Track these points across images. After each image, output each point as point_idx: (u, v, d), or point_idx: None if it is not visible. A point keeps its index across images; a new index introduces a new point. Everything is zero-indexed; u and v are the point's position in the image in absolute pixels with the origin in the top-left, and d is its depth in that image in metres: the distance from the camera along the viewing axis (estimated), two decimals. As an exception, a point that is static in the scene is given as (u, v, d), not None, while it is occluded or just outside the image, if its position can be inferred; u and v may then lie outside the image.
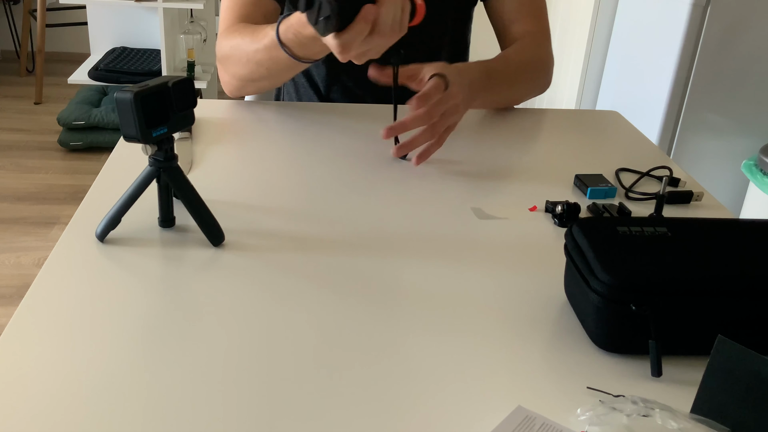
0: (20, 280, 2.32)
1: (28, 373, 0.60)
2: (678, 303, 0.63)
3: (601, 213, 0.89)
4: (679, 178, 0.98)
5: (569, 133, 1.16)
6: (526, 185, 0.97)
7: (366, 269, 0.76)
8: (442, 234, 0.84)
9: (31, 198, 2.80)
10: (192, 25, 3.16)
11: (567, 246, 0.71)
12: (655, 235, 0.68)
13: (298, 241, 0.81)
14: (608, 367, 0.64)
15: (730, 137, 2.13)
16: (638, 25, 2.33)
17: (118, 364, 0.61)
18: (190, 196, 0.78)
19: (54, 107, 3.58)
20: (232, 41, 1.06)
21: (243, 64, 1.05)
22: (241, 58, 1.05)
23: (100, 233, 0.78)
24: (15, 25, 4.14)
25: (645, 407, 0.55)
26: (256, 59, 1.02)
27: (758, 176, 1.95)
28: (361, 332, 0.67)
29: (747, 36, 2.00)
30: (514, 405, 0.58)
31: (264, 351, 0.64)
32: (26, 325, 0.65)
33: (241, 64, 1.05)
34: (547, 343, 0.67)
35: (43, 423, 0.55)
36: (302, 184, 0.94)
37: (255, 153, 1.01)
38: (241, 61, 1.05)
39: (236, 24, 1.09)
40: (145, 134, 0.72)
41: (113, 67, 3.12)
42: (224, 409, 0.57)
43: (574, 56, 2.68)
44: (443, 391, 0.60)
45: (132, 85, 0.72)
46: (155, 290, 0.71)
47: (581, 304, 0.68)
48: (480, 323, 0.69)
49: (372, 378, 0.61)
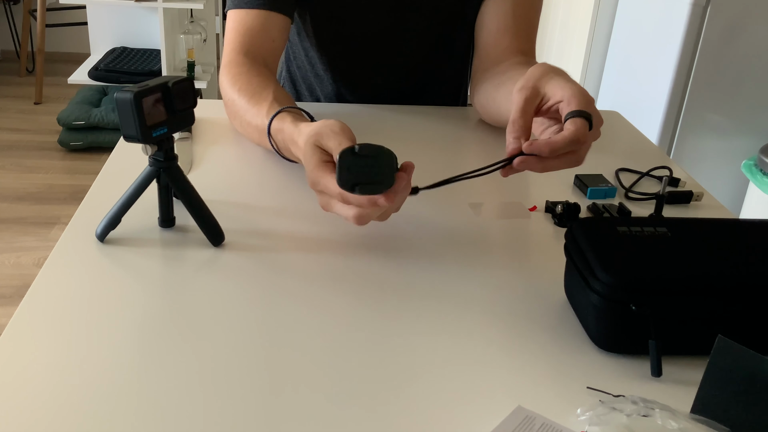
0: (20, 280, 2.32)
1: (28, 372, 0.60)
2: (678, 303, 0.63)
3: (601, 213, 0.89)
4: (679, 178, 0.98)
5: (569, 133, 1.16)
6: (526, 185, 0.97)
7: (366, 269, 0.76)
8: (442, 234, 0.84)
9: (31, 198, 2.80)
10: (192, 25, 3.16)
11: (567, 246, 0.71)
12: (655, 235, 0.68)
13: (298, 241, 0.81)
14: (608, 367, 0.64)
15: (730, 137, 2.13)
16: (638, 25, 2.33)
17: (117, 363, 0.61)
18: (190, 196, 0.78)
19: (54, 107, 3.59)
20: (232, 94, 1.01)
21: (238, 124, 1.02)
22: (235, 118, 1.02)
23: (100, 233, 0.78)
24: (15, 25, 4.14)
25: (645, 407, 0.55)
26: (247, 130, 0.99)
27: (758, 176, 1.95)
28: (360, 332, 0.67)
29: (747, 36, 2.00)
30: (514, 405, 0.58)
31: (264, 351, 0.64)
32: (26, 325, 0.65)
33: (237, 122, 1.02)
34: (547, 343, 0.67)
35: (43, 423, 0.55)
36: (302, 184, 0.94)
37: (255, 153, 1.01)
38: (235, 120, 1.02)
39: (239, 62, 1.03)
40: (145, 134, 0.72)
41: (113, 67, 3.12)
42: (224, 408, 0.57)
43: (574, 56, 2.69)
44: (443, 391, 0.60)
45: (132, 85, 0.72)
46: (155, 290, 0.71)
47: (581, 304, 0.68)
48: (480, 323, 0.69)
49: (371, 377, 0.61)
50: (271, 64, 1.07)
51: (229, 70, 1.03)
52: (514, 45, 1.10)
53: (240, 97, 0.99)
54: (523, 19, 1.12)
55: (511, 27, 1.11)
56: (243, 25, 1.06)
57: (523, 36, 1.12)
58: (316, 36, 1.18)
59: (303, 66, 1.25)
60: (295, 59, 1.27)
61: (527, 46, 1.12)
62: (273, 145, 0.93)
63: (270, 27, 1.07)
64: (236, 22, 1.06)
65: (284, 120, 0.90)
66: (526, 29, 1.13)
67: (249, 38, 1.05)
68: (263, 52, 1.06)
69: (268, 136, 0.93)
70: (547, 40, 2.99)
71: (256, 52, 1.05)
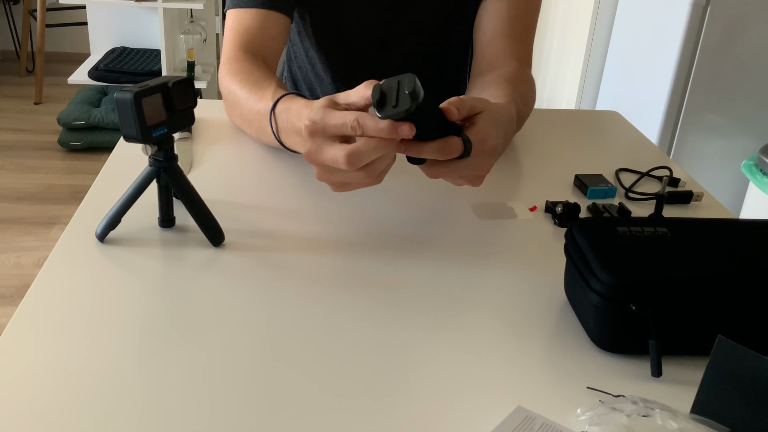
0: (20, 280, 2.32)
1: (28, 372, 0.60)
2: (678, 303, 0.63)
3: (601, 213, 0.89)
4: (679, 178, 0.98)
5: (569, 133, 1.16)
6: (526, 185, 0.97)
7: (366, 269, 0.76)
8: (442, 234, 0.84)
9: (31, 198, 2.80)
10: (192, 25, 3.16)
11: (567, 246, 0.71)
12: (655, 235, 0.68)
13: (298, 241, 0.81)
14: (608, 367, 0.64)
15: (730, 137, 2.13)
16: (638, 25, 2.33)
17: (117, 363, 0.61)
18: (190, 196, 0.78)
19: (54, 107, 3.59)
20: (233, 85, 1.01)
21: (238, 115, 1.02)
22: (236, 108, 1.01)
23: (100, 233, 0.78)
24: (15, 25, 4.14)
25: (645, 407, 0.55)
26: (248, 118, 0.99)
27: (758, 176, 1.95)
28: (360, 332, 0.67)
29: (747, 36, 2.00)
30: (514, 405, 0.58)
31: (264, 351, 0.64)
32: (26, 325, 0.65)
33: (236, 114, 1.02)
34: (547, 343, 0.67)
35: (43, 423, 0.55)
36: (302, 184, 0.94)
37: (255, 153, 1.01)
38: (236, 111, 1.02)
39: (239, 58, 1.03)
40: (145, 134, 0.72)
41: (113, 67, 3.12)
42: (224, 408, 0.57)
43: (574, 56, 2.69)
44: (443, 391, 0.60)
45: (132, 85, 0.72)
46: (155, 290, 0.71)
47: (581, 304, 0.68)
48: (480, 323, 0.69)
49: (372, 378, 0.61)
50: (270, 62, 1.07)
51: (229, 66, 1.03)
52: (509, 49, 1.09)
53: (241, 88, 0.99)
54: (518, 21, 1.11)
55: (507, 29, 1.10)
56: (242, 24, 1.06)
57: (518, 39, 1.10)
58: (315, 36, 1.18)
59: (304, 66, 1.25)
60: (296, 59, 1.27)
61: (522, 50, 1.10)
62: (272, 127, 0.91)
63: (269, 26, 1.06)
64: (235, 21, 1.06)
65: (293, 100, 0.89)
66: (522, 32, 1.11)
67: (248, 36, 1.05)
68: (262, 51, 1.06)
69: (270, 116, 0.91)
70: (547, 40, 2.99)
71: (255, 50, 1.05)
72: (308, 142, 0.73)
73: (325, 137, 0.72)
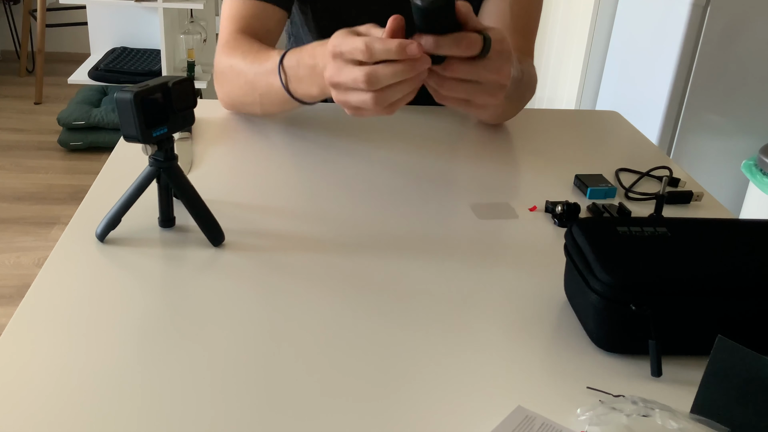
0: (20, 280, 2.32)
1: (28, 372, 0.60)
2: (678, 303, 0.63)
3: (601, 213, 0.89)
4: (679, 178, 0.98)
5: (569, 133, 1.16)
6: (526, 185, 0.97)
7: (366, 269, 0.76)
8: (442, 234, 0.84)
9: (31, 198, 2.80)
10: (192, 25, 3.16)
11: (567, 246, 0.71)
12: (655, 235, 0.68)
13: (298, 241, 0.81)
14: (608, 367, 0.64)
15: (730, 137, 2.13)
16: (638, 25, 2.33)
17: (117, 364, 0.61)
18: (190, 196, 0.78)
19: (54, 107, 3.59)
20: (232, 59, 1.02)
21: (239, 85, 1.02)
22: (238, 78, 1.02)
23: (100, 233, 0.78)
24: (15, 25, 4.14)
25: (645, 407, 0.55)
26: (252, 81, 0.99)
27: (758, 176, 1.95)
28: (360, 332, 0.67)
29: (747, 36, 2.00)
30: (514, 405, 0.58)
31: (264, 351, 0.64)
32: (26, 325, 0.65)
33: (237, 84, 1.02)
34: (547, 343, 0.67)
35: (43, 422, 0.55)
36: (302, 184, 0.94)
37: (255, 153, 1.01)
38: (238, 81, 1.02)
39: (237, 38, 1.05)
40: (145, 134, 0.72)
41: (113, 67, 3.12)
42: (224, 408, 0.57)
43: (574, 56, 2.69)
44: (443, 391, 0.60)
45: (132, 85, 0.72)
46: (155, 290, 0.71)
47: (581, 304, 0.68)
48: (480, 323, 0.69)
49: (372, 378, 0.61)
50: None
51: (227, 46, 1.05)
52: (512, 43, 1.10)
53: (243, 58, 1.01)
54: (521, 18, 1.12)
55: (509, 26, 1.11)
56: (238, 12, 1.07)
57: (520, 35, 1.11)
58: (318, 31, 1.18)
59: None
60: None
61: (525, 46, 1.11)
62: (281, 79, 0.94)
63: (265, 18, 1.08)
64: (232, 9, 1.08)
65: (303, 47, 0.91)
66: (524, 28, 1.12)
67: (244, 24, 1.07)
68: (258, 39, 1.07)
69: (279, 68, 0.93)
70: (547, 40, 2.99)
71: (251, 36, 1.06)
72: (330, 64, 0.77)
73: (345, 60, 0.75)
